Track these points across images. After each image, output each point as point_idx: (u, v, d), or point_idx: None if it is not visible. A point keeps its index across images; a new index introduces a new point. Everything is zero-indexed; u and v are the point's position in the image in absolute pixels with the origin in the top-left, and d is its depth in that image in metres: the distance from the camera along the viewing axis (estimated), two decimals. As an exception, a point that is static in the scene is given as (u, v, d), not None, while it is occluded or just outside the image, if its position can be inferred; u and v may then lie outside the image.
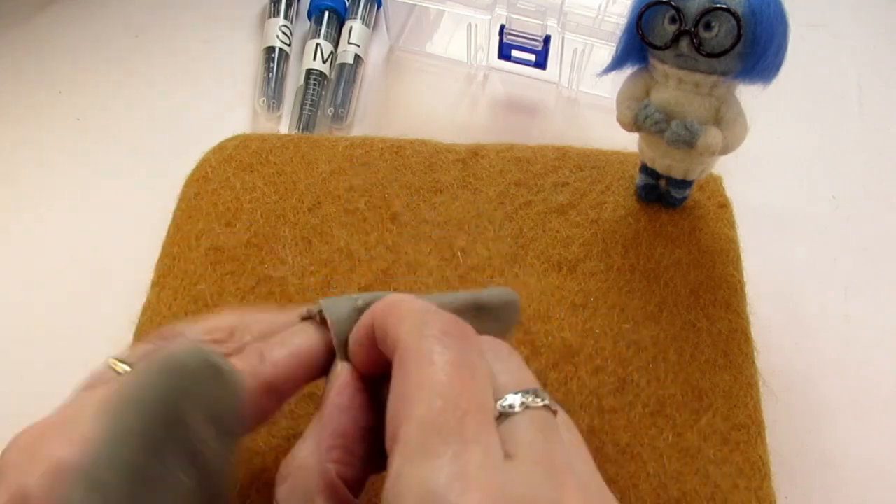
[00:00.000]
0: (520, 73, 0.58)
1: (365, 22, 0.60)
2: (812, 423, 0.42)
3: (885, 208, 0.51)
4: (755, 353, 0.41)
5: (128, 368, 0.30)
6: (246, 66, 0.60)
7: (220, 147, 0.50)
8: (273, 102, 0.57)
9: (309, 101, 0.56)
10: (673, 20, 0.37)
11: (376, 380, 0.29)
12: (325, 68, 0.57)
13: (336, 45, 0.59)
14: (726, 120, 0.39)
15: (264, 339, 0.31)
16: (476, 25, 0.56)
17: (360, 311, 0.31)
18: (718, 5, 0.35)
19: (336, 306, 0.31)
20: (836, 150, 0.54)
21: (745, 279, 0.44)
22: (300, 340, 0.31)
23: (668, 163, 0.42)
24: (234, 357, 0.30)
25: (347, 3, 0.61)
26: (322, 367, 0.31)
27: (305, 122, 0.55)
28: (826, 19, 0.62)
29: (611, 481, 0.37)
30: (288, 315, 0.33)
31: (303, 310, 0.33)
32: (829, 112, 0.56)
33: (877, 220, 0.50)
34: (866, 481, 0.40)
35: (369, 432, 0.28)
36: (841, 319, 0.46)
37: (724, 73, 0.38)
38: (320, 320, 0.32)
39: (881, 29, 0.62)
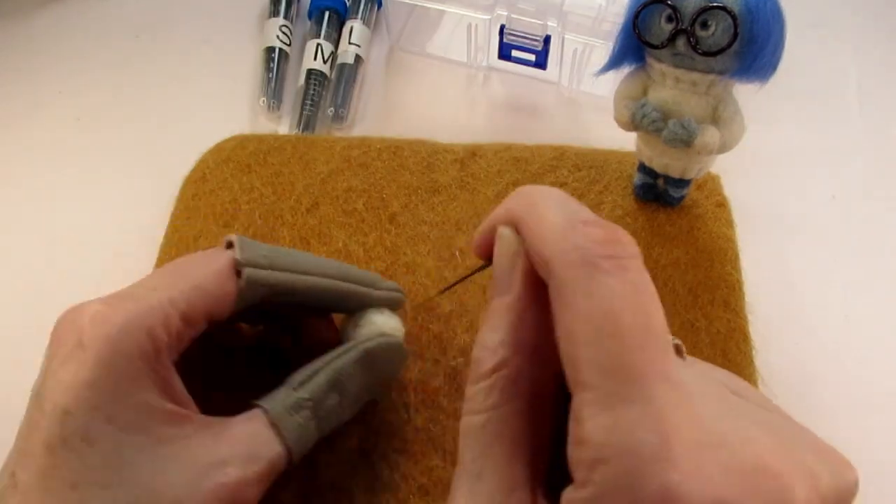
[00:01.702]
0: (520, 73, 0.58)
1: (365, 22, 0.60)
2: (811, 423, 0.41)
3: (885, 208, 0.51)
4: (754, 353, 0.42)
5: None
6: (246, 66, 0.60)
7: (218, 148, 0.50)
8: (273, 102, 0.57)
9: (309, 102, 0.56)
10: (669, 19, 0.37)
11: None
12: (325, 68, 0.57)
13: (336, 46, 0.59)
14: (723, 119, 0.39)
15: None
16: (476, 25, 0.56)
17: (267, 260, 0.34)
18: (715, 4, 0.35)
19: (247, 246, 0.34)
20: (836, 150, 0.54)
21: (744, 279, 0.44)
22: (203, 270, 0.32)
23: (666, 162, 0.42)
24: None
25: (348, 3, 0.61)
26: (232, 290, 0.33)
27: (306, 122, 0.55)
28: (826, 19, 0.62)
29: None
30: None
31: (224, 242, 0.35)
32: (829, 112, 0.56)
33: (877, 220, 0.50)
34: (866, 481, 0.40)
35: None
36: (841, 319, 0.46)
37: (720, 72, 0.37)
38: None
39: (881, 29, 0.62)
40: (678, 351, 0.26)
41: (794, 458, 0.22)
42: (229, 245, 0.35)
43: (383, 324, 0.37)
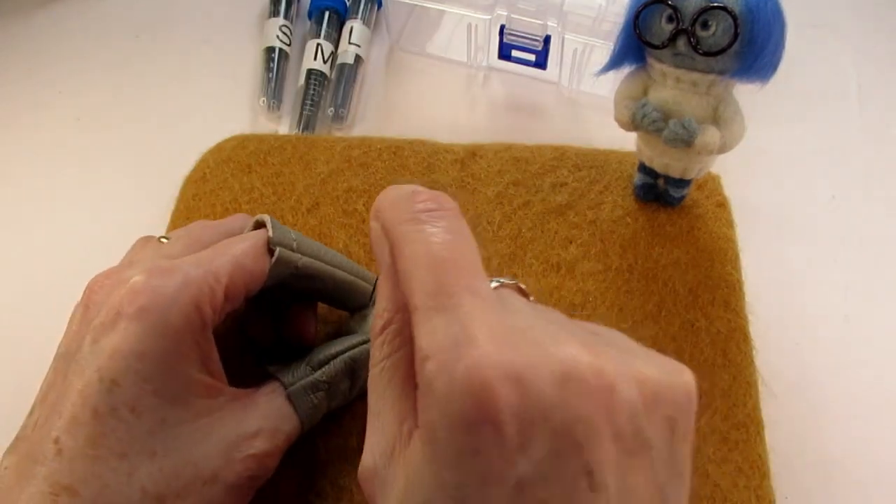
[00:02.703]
0: (520, 73, 0.58)
1: (365, 22, 0.60)
2: (811, 423, 0.42)
3: (885, 208, 0.51)
4: (754, 353, 0.41)
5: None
6: (246, 66, 0.60)
7: (218, 148, 0.50)
8: (273, 102, 0.57)
9: (309, 102, 0.56)
10: (670, 19, 0.37)
11: None
12: (325, 68, 0.57)
13: (336, 45, 0.59)
14: (724, 119, 0.39)
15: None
16: (476, 25, 0.56)
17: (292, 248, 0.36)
18: (715, 4, 0.35)
19: (278, 228, 0.36)
20: (836, 150, 0.54)
21: (744, 279, 0.44)
22: (242, 246, 0.34)
23: (666, 162, 0.42)
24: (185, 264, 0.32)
25: (348, 3, 0.61)
26: (265, 267, 0.34)
27: (306, 122, 0.55)
28: (826, 19, 0.62)
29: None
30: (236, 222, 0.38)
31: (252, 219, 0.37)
32: (829, 112, 0.56)
33: (877, 220, 0.50)
34: (866, 481, 0.40)
35: None
36: (841, 319, 0.46)
37: (721, 72, 0.37)
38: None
39: (881, 29, 0.62)
40: (522, 293, 0.29)
41: (610, 353, 0.24)
42: (258, 225, 0.36)
43: None
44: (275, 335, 0.39)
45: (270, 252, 0.35)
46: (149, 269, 0.31)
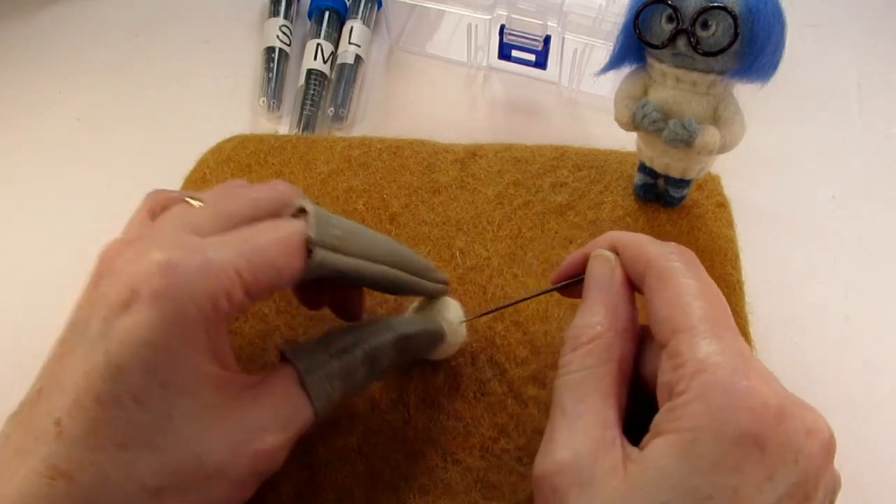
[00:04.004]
0: (520, 73, 0.58)
1: (365, 22, 0.60)
2: (811, 424, 0.42)
3: (885, 208, 0.51)
4: (754, 353, 0.41)
5: (201, 203, 0.33)
6: (246, 66, 0.60)
7: (219, 148, 0.50)
8: (273, 102, 0.57)
9: (309, 102, 0.56)
10: (670, 19, 0.37)
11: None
12: (325, 68, 0.57)
13: (336, 45, 0.59)
14: (724, 119, 0.39)
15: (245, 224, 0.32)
16: (476, 25, 0.56)
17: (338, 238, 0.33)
18: (715, 4, 0.35)
19: (322, 222, 0.32)
20: (836, 150, 0.54)
21: (744, 279, 0.44)
22: (275, 238, 0.31)
23: (667, 162, 0.42)
24: (218, 239, 0.30)
25: (348, 3, 0.61)
26: (299, 268, 0.31)
27: (306, 122, 0.55)
28: (826, 19, 0.62)
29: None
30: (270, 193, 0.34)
31: (293, 208, 0.33)
32: (829, 112, 0.56)
33: (877, 220, 0.50)
34: (867, 481, 0.40)
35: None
36: (841, 319, 0.46)
37: (721, 72, 0.38)
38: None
39: (881, 29, 0.62)
40: None
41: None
42: (299, 211, 0.33)
43: (454, 318, 0.38)
44: (322, 302, 0.38)
45: (309, 251, 0.31)
46: (171, 247, 0.29)
